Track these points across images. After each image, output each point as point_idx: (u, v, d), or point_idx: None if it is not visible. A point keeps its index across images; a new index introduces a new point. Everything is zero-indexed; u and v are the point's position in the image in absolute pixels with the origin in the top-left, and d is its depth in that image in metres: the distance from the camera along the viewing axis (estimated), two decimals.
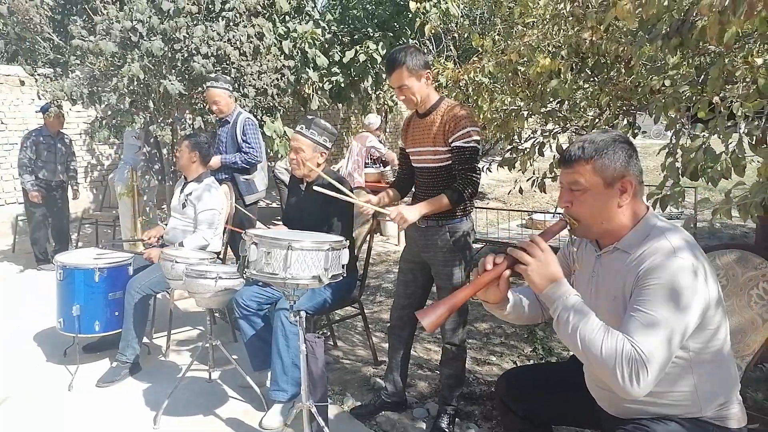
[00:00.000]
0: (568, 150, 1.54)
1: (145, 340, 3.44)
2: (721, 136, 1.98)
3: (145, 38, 4.24)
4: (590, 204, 1.49)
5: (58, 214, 5.68)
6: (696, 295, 1.36)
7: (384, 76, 7.86)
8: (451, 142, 2.42)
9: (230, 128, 4.17)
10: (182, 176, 3.67)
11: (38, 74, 5.07)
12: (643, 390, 1.31)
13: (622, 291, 1.47)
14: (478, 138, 2.43)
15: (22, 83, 7.05)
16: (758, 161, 1.96)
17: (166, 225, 3.69)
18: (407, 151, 2.68)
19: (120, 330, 3.22)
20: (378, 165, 7.29)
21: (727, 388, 1.50)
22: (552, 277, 1.46)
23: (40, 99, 4.96)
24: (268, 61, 4.96)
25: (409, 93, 2.46)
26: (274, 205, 8.73)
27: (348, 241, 2.25)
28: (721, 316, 1.47)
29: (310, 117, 2.97)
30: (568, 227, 1.56)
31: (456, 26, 5.24)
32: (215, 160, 4.00)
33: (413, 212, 2.37)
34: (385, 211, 2.43)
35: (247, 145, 4.13)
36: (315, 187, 2.45)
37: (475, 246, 5.50)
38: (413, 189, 2.73)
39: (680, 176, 2.10)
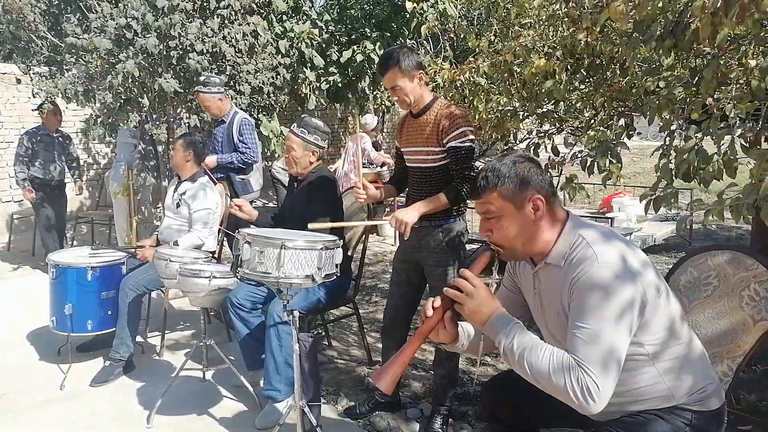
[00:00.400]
0: (475, 181, 1.56)
1: (139, 339, 3.43)
2: (714, 138, 1.98)
3: (139, 35, 4.23)
4: (508, 229, 1.51)
5: (56, 213, 5.61)
6: (626, 294, 1.35)
7: (379, 72, 7.86)
8: (447, 143, 2.42)
9: (226, 128, 4.16)
10: (176, 175, 3.66)
11: (33, 72, 5.06)
12: (600, 404, 1.31)
13: (561, 305, 1.48)
14: (473, 137, 2.44)
15: (18, 81, 7.05)
16: (750, 163, 1.97)
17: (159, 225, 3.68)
18: (401, 150, 2.68)
19: (113, 329, 3.21)
20: (374, 165, 7.29)
21: (697, 370, 1.50)
22: (488, 311, 1.46)
23: (35, 97, 4.95)
24: (264, 59, 4.96)
25: (402, 94, 2.46)
26: (271, 204, 8.72)
27: (341, 240, 2.24)
28: (672, 300, 1.47)
29: (303, 116, 2.98)
30: (495, 257, 1.57)
31: (453, 27, 5.25)
32: (211, 160, 4.00)
33: (411, 214, 2.37)
34: (381, 222, 2.45)
35: (243, 145, 4.13)
36: (310, 225, 2.46)
37: (471, 246, 5.53)
38: (408, 189, 2.73)
39: (673, 177, 2.10)
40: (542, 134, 3.01)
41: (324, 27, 7.37)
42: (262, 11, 5.68)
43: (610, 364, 1.32)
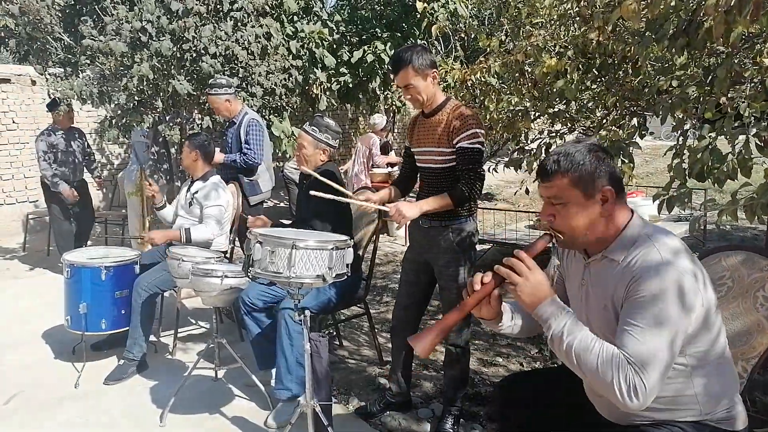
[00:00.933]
0: (544, 164, 1.52)
1: (152, 338, 3.46)
2: (728, 137, 1.96)
3: (154, 38, 4.28)
4: (573, 217, 1.47)
5: (82, 214, 5.52)
6: (686, 302, 1.34)
7: (392, 76, 7.88)
8: (456, 143, 2.41)
9: (236, 129, 4.21)
10: (190, 176, 3.69)
11: (49, 74, 5.12)
12: (643, 403, 1.30)
13: (612, 300, 1.46)
14: (483, 139, 2.43)
15: (34, 83, 7.15)
16: (765, 162, 1.95)
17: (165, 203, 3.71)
18: (412, 150, 2.68)
19: (127, 328, 3.25)
20: (386, 166, 7.27)
21: (728, 389, 1.49)
22: (542, 296, 1.44)
23: (50, 98, 5.01)
24: (276, 61, 4.98)
25: (415, 92, 2.46)
26: (282, 204, 8.76)
27: (352, 239, 2.25)
28: (719, 320, 1.46)
29: (316, 115, 3.01)
30: (554, 240, 1.54)
31: (464, 27, 5.25)
32: (218, 157, 4.03)
33: (412, 209, 2.36)
34: (384, 208, 2.43)
35: (246, 146, 4.16)
36: (312, 192, 2.45)
37: (483, 247, 5.51)
38: (418, 189, 2.73)
39: (687, 177, 2.09)
40: (554, 134, 3.00)
41: (335, 27, 7.40)
42: (273, 12, 5.71)
43: (660, 367, 1.31)
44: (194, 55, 4.41)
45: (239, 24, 4.68)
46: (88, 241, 5.77)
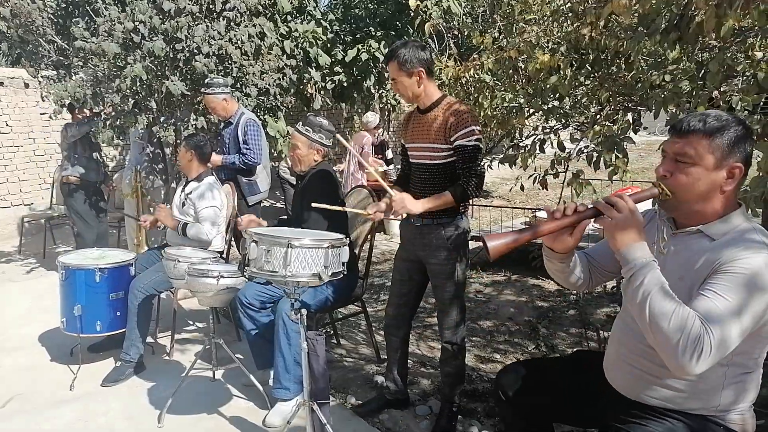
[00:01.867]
0: (687, 119, 1.45)
1: (149, 339, 3.46)
2: None
3: (146, 39, 4.26)
4: (693, 179, 1.42)
5: (104, 217, 5.35)
6: None
7: (386, 74, 7.88)
8: (454, 141, 2.41)
9: (233, 129, 4.20)
10: (184, 176, 3.68)
11: (42, 76, 5.10)
12: (699, 369, 1.28)
13: (692, 273, 1.43)
14: (480, 136, 2.43)
15: (27, 86, 7.11)
16: (758, 156, 1.95)
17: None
18: (406, 146, 2.67)
19: (123, 330, 3.24)
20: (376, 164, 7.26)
21: (748, 391, 1.48)
22: (634, 236, 1.40)
23: (43, 101, 4.99)
24: (270, 60, 4.97)
25: (401, 87, 2.46)
26: (278, 204, 8.75)
27: (348, 238, 2.25)
28: None
29: (308, 115, 3.00)
30: (659, 197, 1.49)
31: (458, 24, 5.24)
32: (215, 159, 4.03)
33: (416, 205, 2.36)
34: (390, 191, 2.43)
35: (246, 147, 4.15)
36: (314, 205, 2.46)
37: (479, 244, 5.50)
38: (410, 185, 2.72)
39: None
40: (548, 130, 3.00)
41: (328, 26, 7.38)
42: (267, 12, 5.69)
43: (728, 343, 1.29)
44: (187, 55, 4.39)
45: (232, 23, 4.66)
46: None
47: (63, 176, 5.08)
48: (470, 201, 2.57)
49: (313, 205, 2.47)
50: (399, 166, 2.94)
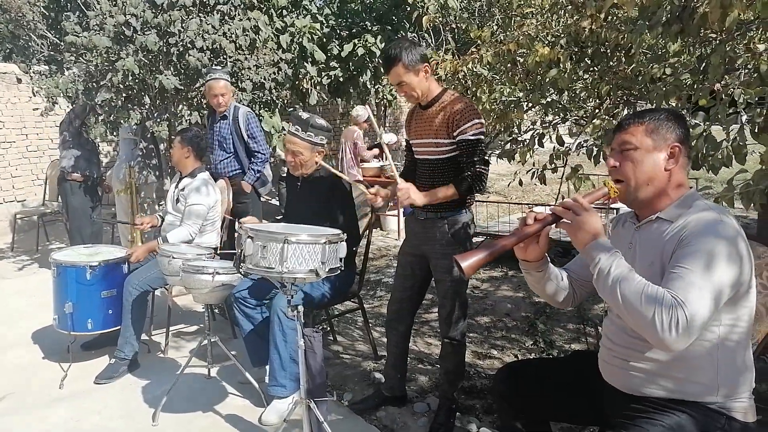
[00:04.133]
0: (625, 118, 1.62)
1: (144, 336, 3.42)
2: (722, 124, 1.95)
3: (139, 32, 4.21)
4: (637, 162, 1.53)
5: (98, 213, 5.22)
6: (736, 261, 1.38)
7: (383, 69, 7.83)
8: (457, 135, 2.39)
9: (231, 123, 4.12)
10: (178, 172, 3.64)
11: (33, 72, 5.03)
12: (681, 340, 1.31)
13: (660, 257, 1.49)
14: (483, 129, 2.41)
15: (19, 81, 7.04)
16: (759, 151, 1.93)
17: (161, 216, 3.65)
18: (411, 142, 2.65)
19: (115, 328, 3.20)
20: (378, 159, 7.21)
21: (744, 377, 1.49)
22: (594, 233, 1.49)
23: (35, 96, 4.93)
24: (265, 54, 4.93)
25: (409, 89, 2.42)
26: (273, 201, 8.70)
27: (346, 234, 2.22)
28: (753, 298, 1.48)
29: (304, 117, 2.90)
30: (610, 195, 1.58)
31: (454, 18, 5.21)
32: (247, 186, 4.10)
33: (420, 196, 2.35)
34: (397, 179, 2.40)
35: (255, 143, 4.14)
36: (321, 163, 2.41)
37: (477, 240, 5.49)
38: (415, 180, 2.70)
39: None
40: (546, 125, 2.98)
41: (324, 21, 7.33)
42: (262, 6, 5.64)
43: (703, 309, 1.32)
44: (181, 49, 4.34)
45: (226, 17, 4.61)
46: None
47: (64, 173, 4.93)
48: (472, 195, 2.55)
49: (321, 163, 2.40)
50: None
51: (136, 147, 5.12)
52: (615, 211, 3.53)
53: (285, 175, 6.47)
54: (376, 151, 7.17)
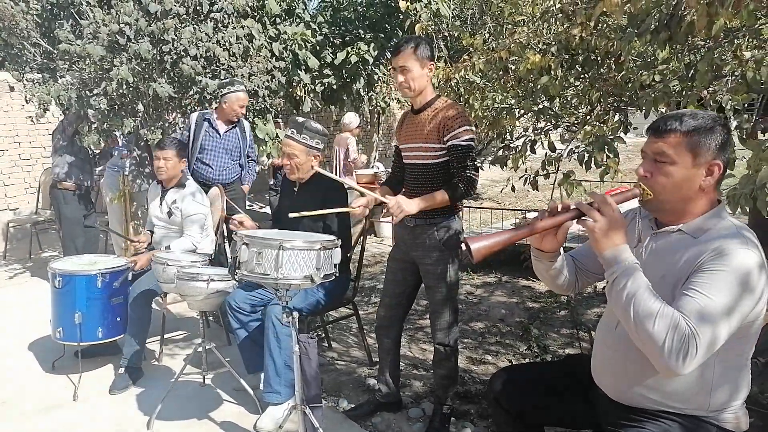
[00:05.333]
0: (664, 119, 1.46)
1: None
2: None
3: (132, 41, 4.21)
4: (673, 178, 1.43)
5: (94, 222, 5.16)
6: (755, 290, 1.33)
7: (376, 77, 7.86)
8: (447, 141, 2.41)
9: (239, 132, 4.33)
10: (158, 182, 3.57)
11: (26, 79, 5.02)
12: (686, 369, 1.28)
13: (675, 271, 1.43)
14: (474, 136, 2.44)
15: (12, 89, 7.01)
16: (745, 157, 1.97)
17: (150, 231, 3.63)
18: (400, 147, 2.67)
19: (122, 335, 3.19)
20: (372, 166, 7.25)
21: (739, 387, 1.48)
22: (617, 240, 1.41)
23: (27, 104, 4.91)
24: (259, 62, 4.94)
25: (409, 76, 2.43)
26: (265, 211, 8.69)
27: (340, 240, 2.23)
28: (759, 324, 1.44)
29: (300, 120, 2.93)
30: (640, 197, 1.49)
31: (447, 26, 5.25)
32: (246, 189, 4.48)
33: (412, 205, 2.34)
34: (384, 199, 2.42)
35: (251, 149, 4.47)
36: (291, 214, 2.36)
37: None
38: (403, 188, 2.71)
39: None
40: (538, 131, 3.01)
41: (318, 29, 7.37)
42: (255, 14, 5.66)
43: (714, 342, 1.30)
44: (174, 57, 4.35)
45: (220, 25, 4.63)
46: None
47: (56, 181, 4.89)
48: (461, 202, 2.57)
49: (291, 215, 2.37)
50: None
51: (129, 156, 5.12)
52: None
53: (273, 181, 6.50)
54: (364, 157, 7.24)
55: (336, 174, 6.94)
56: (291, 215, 2.31)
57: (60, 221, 5.06)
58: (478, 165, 2.50)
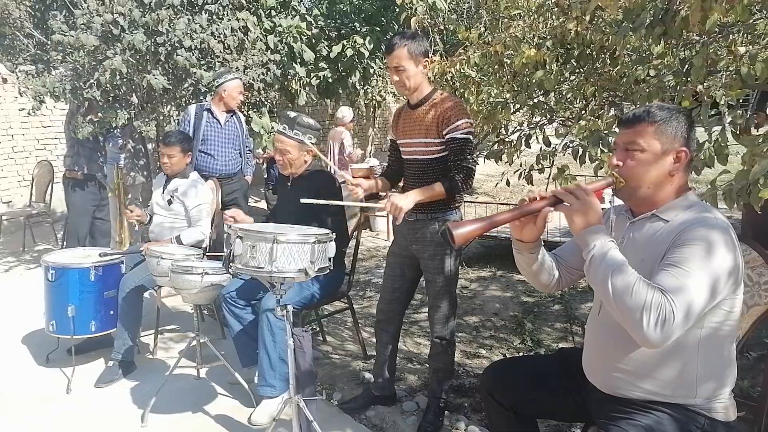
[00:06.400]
0: (633, 112, 1.56)
1: None
2: (705, 126, 1.98)
3: (126, 31, 4.18)
4: (643, 166, 1.51)
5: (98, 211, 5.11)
6: (729, 265, 1.38)
7: (372, 70, 7.83)
8: (446, 134, 2.41)
9: (236, 122, 4.33)
10: (163, 174, 3.61)
11: (19, 71, 4.98)
12: (664, 339, 1.32)
13: (652, 254, 1.49)
14: (472, 129, 2.44)
15: (5, 81, 6.96)
16: (739, 152, 1.97)
17: (150, 215, 3.64)
18: (398, 142, 2.66)
19: (115, 329, 3.19)
20: (367, 160, 7.25)
21: (725, 376, 1.50)
22: (592, 220, 1.48)
23: (21, 96, 4.88)
24: (254, 55, 4.92)
25: (404, 75, 2.43)
26: (260, 206, 8.67)
27: (335, 234, 2.23)
28: (740, 302, 1.48)
29: (291, 115, 2.91)
30: (613, 187, 1.57)
31: (443, 20, 5.23)
32: (250, 179, 4.51)
33: (406, 200, 2.31)
34: (376, 206, 2.42)
35: (248, 140, 4.47)
36: (302, 201, 2.41)
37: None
38: (402, 182, 2.71)
39: None
40: (533, 126, 3.00)
41: (313, 22, 7.33)
42: (250, 6, 5.63)
43: (691, 309, 1.33)
44: (169, 48, 4.32)
45: (215, 17, 4.60)
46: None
47: (65, 170, 4.89)
48: (461, 196, 2.57)
49: (302, 201, 2.43)
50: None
51: (124, 147, 5.09)
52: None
53: (269, 175, 6.49)
54: (359, 151, 7.26)
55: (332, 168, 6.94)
56: (302, 201, 2.39)
57: (67, 210, 5.02)
58: (475, 159, 2.50)
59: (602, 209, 1.55)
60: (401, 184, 2.72)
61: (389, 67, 2.47)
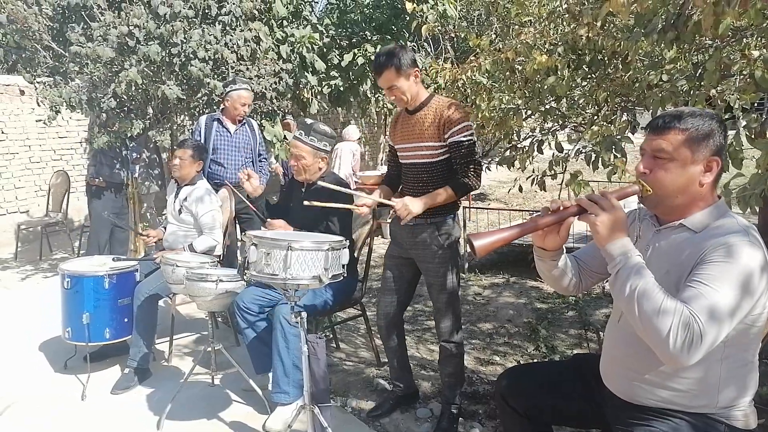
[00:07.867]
0: (663, 116, 1.49)
1: None
2: None
3: (142, 43, 4.25)
4: (672, 175, 1.45)
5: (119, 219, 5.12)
6: (756, 294, 1.34)
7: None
8: (448, 138, 2.44)
9: (248, 131, 4.33)
10: (174, 181, 3.65)
11: (37, 82, 5.07)
12: (690, 360, 1.28)
13: (678, 266, 1.44)
14: (473, 131, 2.48)
15: (22, 93, 7.09)
16: (755, 156, 1.96)
17: (164, 228, 3.68)
18: (396, 147, 2.68)
19: (130, 336, 3.22)
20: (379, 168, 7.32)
21: (747, 383, 1.48)
22: (619, 233, 1.43)
23: (39, 107, 4.96)
24: (266, 65, 4.97)
25: (399, 93, 2.47)
26: None
27: (347, 240, 2.24)
28: (764, 319, 1.44)
29: (309, 122, 2.96)
30: (640, 194, 1.51)
31: (453, 27, 5.26)
32: (260, 188, 4.21)
33: (418, 204, 2.37)
34: (390, 202, 2.43)
35: (262, 148, 4.42)
36: (305, 203, 2.45)
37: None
38: (400, 187, 2.73)
39: None
40: (545, 131, 3.00)
41: (325, 31, 7.40)
42: (263, 17, 5.69)
43: (718, 333, 1.30)
44: (183, 59, 4.39)
45: (228, 28, 4.66)
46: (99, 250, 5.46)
47: (89, 178, 4.98)
48: (459, 201, 2.59)
49: (305, 203, 2.46)
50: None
51: (139, 158, 5.16)
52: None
53: (285, 182, 6.55)
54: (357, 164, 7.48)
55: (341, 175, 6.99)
56: (305, 203, 2.42)
57: (90, 218, 5.09)
58: (485, 166, 2.51)
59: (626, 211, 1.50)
60: (401, 189, 2.74)
61: (381, 87, 2.51)
